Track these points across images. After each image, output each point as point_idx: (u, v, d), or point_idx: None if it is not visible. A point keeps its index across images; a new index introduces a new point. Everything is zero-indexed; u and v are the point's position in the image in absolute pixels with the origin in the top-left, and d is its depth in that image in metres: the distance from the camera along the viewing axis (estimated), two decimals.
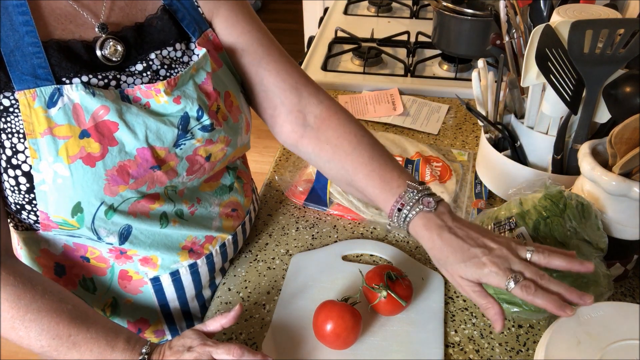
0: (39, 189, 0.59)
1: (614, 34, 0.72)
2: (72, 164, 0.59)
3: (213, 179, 0.76)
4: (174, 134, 0.64)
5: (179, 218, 0.71)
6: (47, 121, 0.57)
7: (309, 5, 2.87)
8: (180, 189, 0.70)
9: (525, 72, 0.81)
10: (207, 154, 0.69)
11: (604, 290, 0.69)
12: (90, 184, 0.60)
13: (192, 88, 0.65)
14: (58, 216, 0.61)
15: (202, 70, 0.67)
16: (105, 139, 0.60)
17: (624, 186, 0.66)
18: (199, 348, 0.61)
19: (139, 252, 0.69)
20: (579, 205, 0.70)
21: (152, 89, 0.63)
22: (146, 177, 0.64)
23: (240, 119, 0.73)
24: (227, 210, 0.78)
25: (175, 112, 0.64)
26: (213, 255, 0.77)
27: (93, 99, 0.59)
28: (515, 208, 0.72)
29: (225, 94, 0.71)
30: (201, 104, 0.66)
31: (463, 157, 1.07)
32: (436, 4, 1.34)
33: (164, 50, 0.66)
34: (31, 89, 0.57)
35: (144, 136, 0.62)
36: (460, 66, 1.37)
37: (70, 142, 0.58)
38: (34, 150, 0.58)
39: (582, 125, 0.79)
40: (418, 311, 0.75)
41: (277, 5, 4.59)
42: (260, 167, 2.74)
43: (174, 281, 0.74)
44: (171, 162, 0.66)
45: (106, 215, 0.63)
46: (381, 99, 1.27)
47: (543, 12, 0.85)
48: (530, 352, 0.71)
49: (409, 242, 0.88)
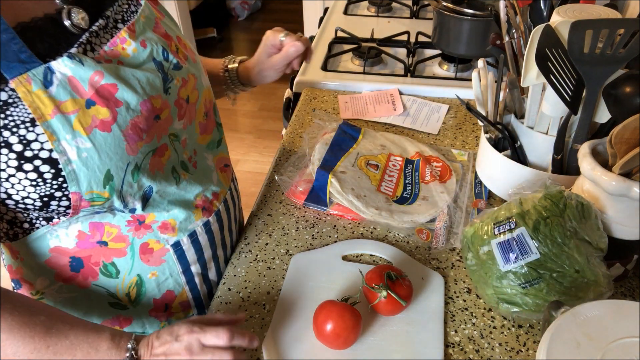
0: (67, 169, 0.59)
1: (614, 34, 0.72)
2: (91, 134, 0.59)
3: (207, 131, 0.80)
4: (159, 79, 0.66)
5: (186, 171, 0.75)
6: (52, 101, 0.57)
7: (309, 5, 2.88)
8: (182, 138, 0.73)
9: (525, 72, 0.81)
10: (185, 95, 0.72)
11: (604, 290, 0.69)
12: (114, 148, 0.60)
13: (150, 33, 0.68)
14: (90, 192, 0.61)
15: (150, 18, 0.70)
16: (111, 102, 0.60)
17: (624, 186, 0.66)
18: (186, 336, 0.61)
19: (157, 218, 0.71)
20: (579, 205, 0.70)
21: (117, 42, 0.64)
22: (153, 129, 0.66)
23: (197, 59, 0.77)
24: (220, 165, 0.84)
25: (147, 58, 0.66)
26: (220, 211, 0.82)
27: (84, 68, 0.59)
28: (515, 208, 0.72)
29: (177, 37, 0.74)
30: (163, 44, 0.69)
31: (463, 157, 1.07)
32: (436, 4, 1.34)
33: (115, 6, 0.67)
34: (23, 74, 0.55)
35: (141, 89, 0.63)
36: (460, 66, 1.37)
37: (80, 115, 0.58)
38: (50, 133, 0.57)
39: (582, 125, 0.79)
40: (418, 311, 0.75)
41: (277, 5, 4.60)
42: (260, 167, 2.74)
43: (192, 242, 0.78)
44: (165, 109, 0.68)
45: (133, 177, 0.64)
46: (381, 99, 1.27)
47: (543, 12, 0.85)
48: (530, 352, 0.71)
49: (409, 242, 0.88)
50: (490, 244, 0.71)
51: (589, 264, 0.68)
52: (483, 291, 0.74)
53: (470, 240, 0.75)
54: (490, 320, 0.75)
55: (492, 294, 0.72)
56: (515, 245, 0.69)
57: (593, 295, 0.68)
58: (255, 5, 4.49)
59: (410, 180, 1.00)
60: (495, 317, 0.75)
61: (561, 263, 0.67)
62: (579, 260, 0.67)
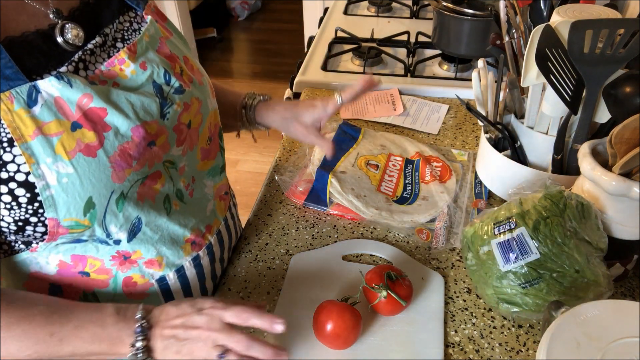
0: (45, 194, 0.55)
1: (614, 34, 0.72)
2: (74, 159, 0.56)
3: (209, 157, 0.76)
4: (157, 103, 0.63)
5: (180, 201, 0.70)
6: (34, 121, 0.54)
7: (309, 5, 2.87)
8: (180, 165, 0.69)
9: (525, 72, 0.81)
10: (187, 120, 0.69)
11: (604, 290, 0.69)
12: (97, 174, 0.57)
13: (152, 54, 0.65)
14: (69, 219, 0.58)
15: (155, 37, 0.67)
16: (98, 126, 0.57)
17: (624, 186, 0.66)
18: (209, 310, 0.59)
19: (144, 254, 0.68)
20: (579, 205, 0.70)
21: (115, 62, 0.61)
22: (146, 156, 0.62)
23: (204, 81, 0.73)
24: (220, 193, 0.80)
25: (145, 81, 0.63)
26: (212, 244, 0.78)
27: (72, 90, 0.56)
28: (515, 208, 0.72)
29: (184, 58, 0.70)
30: (165, 66, 0.65)
31: (463, 157, 1.07)
32: (436, 4, 1.34)
33: (116, 23, 0.65)
34: (5, 92, 0.52)
35: (133, 114, 0.60)
36: (460, 66, 1.37)
37: (64, 137, 0.55)
38: (29, 155, 0.54)
39: (582, 125, 0.79)
40: (418, 311, 0.75)
41: (277, 5, 4.59)
42: (260, 167, 2.74)
43: (179, 277, 0.74)
44: (162, 135, 0.64)
45: (117, 205, 0.60)
46: (381, 99, 1.27)
47: (543, 12, 0.85)
48: (530, 352, 0.71)
49: (409, 242, 0.88)
50: (490, 244, 0.71)
51: (589, 264, 0.68)
52: (483, 291, 0.74)
53: (470, 240, 0.75)
54: (490, 320, 0.75)
55: (492, 294, 0.72)
56: (515, 245, 0.69)
57: (593, 295, 0.68)
58: (255, 5, 4.49)
59: (410, 180, 1.00)
60: (495, 317, 0.75)
61: (561, 263, 0.67)
62: (579, 260, 0.67)
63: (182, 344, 0.58)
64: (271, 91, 1.04)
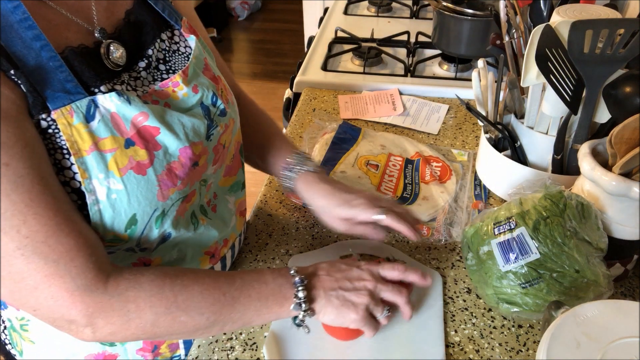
0: (94, 209, 0.55)
1: (614, 34, 0.72)
2: (125, 176, 0.56)
3: (231, 173, 0.76)
4: (204, 125, 0.64)
5: (205, 216, 0.70)
6: (91, 136, 0.54)
7: (309, 5, 2.87)
8: (209, 182, 0.70)
9: (525, 72, 0.81)
10: (224, 141, 0.69)
11: (604, 290, 0.69)
12: (145, 192, 0.57)
13: (202, 77, 0.66)
14: (110, 233, 0.58)
15: (200, 58, 0.67)
16: (150, 144, 0.58)
17: (624, 186, 0.66)
18: (367, 265, 0.66)
19: (163, 262, 0.67)
20: (579, 205, 0.70)
21: (169, 84, 0.61)
22: (190, 176, 0.63)
23: (234, 100, 0.74)
24: (241, 209, 0.80)
25: (195, 103, 0.64)
26: (226, 257, 0.78)
27: (130, 107, 0.56)
28: (515, 208, 0.72)
29: (218, 77, 0.71)
30: (212, 89, 0.66)
31: (463, 157, 1.07)
32: (436, 4, 1.34)
33: (157, 44, 0.65)
34: (66, 106, 0.53)
35: (184, 135, 0.61)
36: (460, 66, 1.37)
37: (117, 154, 0.55)
38: (83, 170, 0.54)
39: (582, 125, 0.79)
40: (418, 311, 0.75)
41: (277, 5, 4.59)
42: None
43: None
44: (204, 155, 0.65)
45: (156, 222, 0.60)
46: (381, 99, 1.27)
47: (543, 12, 0.85)
48: (530, 352, 0.71)
49: (409, 242, 0.88)
50: (490, 244, 0.71)
51: (589, 264, 0.68)
52: (483, 291, 0.74)
53: (470, 240, 0.75)
54: (490, 320, 0.75)
55: (492, 294, 0.72)
56: (515, 245, 0.69)
57: (593, 295, 0.68)
58: (255, 5, 4.49)
59: (410, 181, 1.00)
60: (495, 317, 0.75)
61: (561, 263, 0.67)
62: (579, 260, 0.67)
63: (348, 295, 0.63)
64: (271, 91, 1.03)
